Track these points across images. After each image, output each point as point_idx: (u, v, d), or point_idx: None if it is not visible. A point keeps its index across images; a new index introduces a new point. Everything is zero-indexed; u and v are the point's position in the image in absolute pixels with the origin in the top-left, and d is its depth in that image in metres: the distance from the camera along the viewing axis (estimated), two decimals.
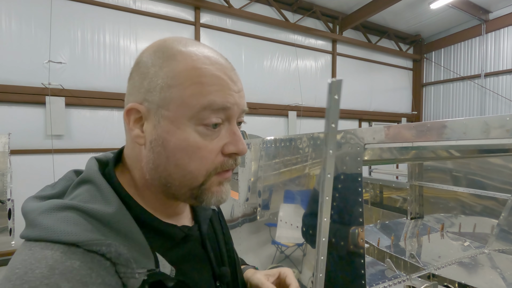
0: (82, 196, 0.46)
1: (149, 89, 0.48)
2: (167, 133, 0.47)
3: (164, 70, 0.48)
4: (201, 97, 0.47)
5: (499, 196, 1.85)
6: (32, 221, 0.42)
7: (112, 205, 0.45)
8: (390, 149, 0.94)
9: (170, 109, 0.47)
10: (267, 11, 6.77)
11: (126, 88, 0.53)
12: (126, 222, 0.45)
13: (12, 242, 3.12)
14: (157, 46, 0.51)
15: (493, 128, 0.67)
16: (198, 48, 0.51)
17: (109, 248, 0.41)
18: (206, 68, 0.48)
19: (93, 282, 0.38)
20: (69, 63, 4.80)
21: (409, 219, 2.19)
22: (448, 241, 1.85)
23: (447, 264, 1.45)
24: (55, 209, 0.43)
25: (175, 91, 0.47)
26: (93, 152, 5.01)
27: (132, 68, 0.52)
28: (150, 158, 0.49)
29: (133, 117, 0.49)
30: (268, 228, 1.56)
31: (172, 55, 0.49)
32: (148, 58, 0.50)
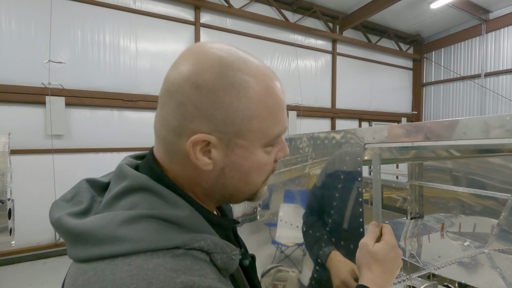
0: (142, 205, 0.44)
1: (224, 121, 0.45)
2: (242, 159, 0.49)
3: (243, 101, 0.46)
4: (276, 126, 0.50)
5: (499, 196, 1.85)
6: (111, 236, 0.40)
7: (183, 209, 0.46)
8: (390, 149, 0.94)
9: (247, 138, 0.48)
10: (267, 11, 6.77)
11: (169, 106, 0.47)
12: (200, 221, 0.47)
13: (12, 242, 3.12)
14: (220, 66, 0.46)
15: (493, 128, 0.67)
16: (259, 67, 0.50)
17: (206, 241, 0.43)
18: (276, 94, 0.50)
19: (207, 272, 0.41)
20: (69, 63, 4.80)
21: (409, 219, 2.19)
22: (448, 241, 1.85)
23: (447, 264, 1.45)
24: (131, 220, 0.42)
25: (255, 123, 0.47)
26: (93, 152, 5.02)
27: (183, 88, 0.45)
28: (218, 180, 0.50)
29: (199, 146, 0.46)
30: (268, 228, 1.56)
31: (244, 82, 0.46)
32: (214, 82, 0.45)
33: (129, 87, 5.31)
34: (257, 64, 0.49)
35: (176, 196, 0.47)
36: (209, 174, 0.49)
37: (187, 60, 0.47)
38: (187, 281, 0.37)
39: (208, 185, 0.51)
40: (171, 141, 0.48)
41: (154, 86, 5.54)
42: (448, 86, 9.11)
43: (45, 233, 4.66)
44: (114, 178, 0.51)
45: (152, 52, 5.52)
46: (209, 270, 0.42)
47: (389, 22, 8.36)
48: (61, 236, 0.44)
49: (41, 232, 4.64)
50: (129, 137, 5.33)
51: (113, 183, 0.50)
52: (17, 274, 4.09)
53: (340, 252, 0.97)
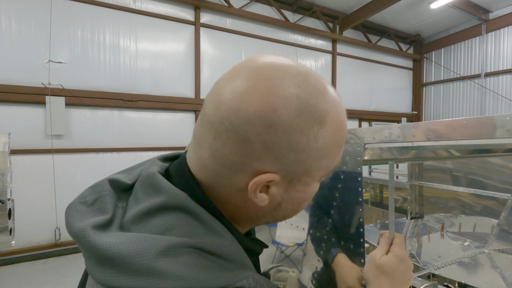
0: (179, 229, 0.40)
1: (296, 162, 0.41)
2: (301, 193, 0.46)
3: (320, 141, 0.41)
4: (338, 159, 0.47)
5: (499, 196, 1.85)
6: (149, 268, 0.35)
7: (225, 238, 0.42)
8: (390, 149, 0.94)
9: (312, 175, 0.45)
10: (267, 11, 6.77)
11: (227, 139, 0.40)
12: (241, 253, 0.44)
13: (12, 242, 3.12)
14: (296, 100, 0.39)
15: (493, 128, 0.67)
16: (335, 97, 0.45)
17: (248, 279, 0.39)
18: (346, 129, 0.47)
19: None
20: (69, 63, 4.80)
21: (409, 219, 2.19)
22: (448, 241, 1.85)
23: (447, 264, 1.45)
24: (170, 251, 0.37)
25: (324, 161, 0.44)
26: (93, 152, 5.02)
27: (252, 123, 0.38)
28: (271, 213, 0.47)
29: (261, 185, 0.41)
30: (268, 228, 1.56)
31: (323, 119, 0.41)
32: (292, 122, 0.39)
33: (129, 87, 5.31)
34: (331, 93, 0.44)
35: (217, 221, 0.42)
36: (262, 208, 0.45)
37: (256, 88, 0.39)
38: None
39: (256, 216, 0.48)
40: (224, 175, 0.42)
41: (154, 86, 5.54)
42: (448, 86, 9.11)
43: (45, 233, 4.66)
44: (144, 188, 0.45)
45: (152, 52, 5.52)
46: None
47: (389, 22, 8.36)
48: (83, 250, 0.40)
49: (41, 232, 4.64)
50: (129, 137, 5.33)
51: (143, 193, 0.45)
52: (17, 274, 4.09)
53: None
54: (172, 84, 5.72)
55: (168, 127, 5.74)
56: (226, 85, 0.42)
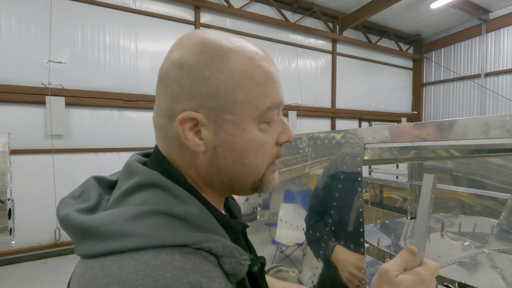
0: (152, 201, 0.43)
1: (207, 95, 0.45)
2: (233, 136, 0.47)
3: (224, 72, 0.45)
4: (265, 98, 0.47)
5: (499, 196, 1.85)
6: (119, 231, 0.39)
7: (194, 206, 0.45)
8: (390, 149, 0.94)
9: (234, 112, 0.46)
10: (267, 11, 6.77)
11: (161, 92, 0.48)
12: (211, 221, 0.45)
13: (12, 242, 3.12)
14: (201, 44, 0.46)
15: (493, 128, 0.67)
16: (243, 43, 0.49)
17: (216, 242, 0.41)
18: (261, 65, 0.48)
19: (216, 275, 0.39)
20: (69, 63, 4.80)
21: (409, 219, 2.19)
22: (448, 241, 1.85)
23: (447, 264, 1.45)
24: (140, 216, 0.40)
25: (240, 94, 0.45)
26: (93, 152, 5.02)
27: (169, 70, 0.47)
28: (213, 163, 0.48)
29: (188, 125, 0.45)
30: (268, 228, 1.56)
31: (225, 54, 0.46)
32: (196, 58, 0.45)
33: (129, 87, 5.31)
34: (241, 40, 0.49)
35: (187, 193, 0.46)
36: (202, 158, 0.48)
37: (173, 47, 0.49)
38: (194, 282, 0.36)
39: (205, 171, 0.49)
40: (165, 127, 0.48)
41: (154, 86, 5.36)
42: (448, 86, 9.11)
43: (45, 233, 4.66)
44: (123, 175, 0.49)
45: (152, 52, 5.52)
46: (217, 274, 0.40)
47: (389, 22, 8.36)
48: (68, 233, 0.43)
49: (41, 232, 4.64)
50: (129, 137, 5.33)
51: (122, 180, 0.49)
52: (17, 274, 4.09)
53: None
54: None
55: None
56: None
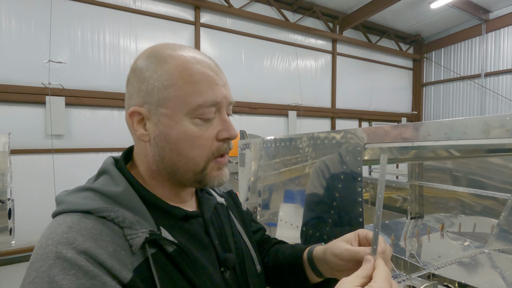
0: (100, 183, 0.56)
1: (147, 92, 0.54)
2: (168, 127, 0.55)
3: (159, 72, 0.54)
4: (195, 96, 0.54)
5: (499, 195, 1.85)
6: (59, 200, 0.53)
7: (120, 186, 0.54)
8: (390, 149, 0.94)
9: (168, 107, 0.54)
10: (267, 10, 6.77)
11: (125, 93, 0.59)
12: (132, 197, 0.54)
13: (12, 241, 3.12)
14: (149, 52, 0.57)
15: (493, 128, 0.67)
16: (184, 50, 0.57)
17: (117, 213, 0.50)
18: (195, 67, 0.55)
19: (103, 239, 0.47)
20: (69, 62, 4.80)
21: (409, 219, 2.19)
22: (448, 241, 1.85)
23: (447, 264, 1.45)
24: (77, 191, 0.54)
25: (171, 90, 0.54)
26: (93, 152, 5.02)
27: (129, 75, 0.58)
28: (155, 152, 0.57)
29: (136, 118, 0.56)
30: (268, 227, 1.56)
31: (163, 58, 0.55)
32: (142, 63, 0.56)
33: None
34: (184, 47, 0.58)
35: (121, 176, 0.57)
36: (149, 147, 0.57)
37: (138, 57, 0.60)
38: (70, 238, 0.45)
39: (152, 159, 0.58)
40: (127, 123, 0.58)
41: None
42: (448, 86, 9.11)
43: None
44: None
45: None
46: (109, 239, 0.47)
47: (389, 22, 8.36)
48: None
49: (41, 232, 4.61)
50: (129, 137, 5.19)
51: None
52: (17, 274, 4.09)
53: None
54: None
55: None
56: None
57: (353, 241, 0.65)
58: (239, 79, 6.31)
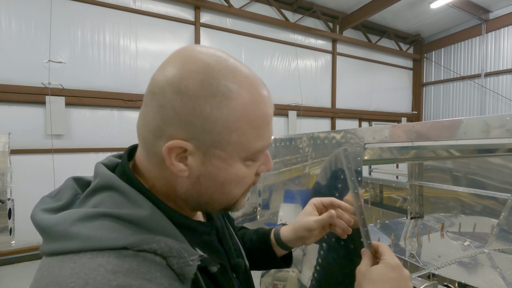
0: (106, 204, 0.45)
1: (203, 129, 0.44)
2: (219, 169, 0.48)
3: (224, 112, 0.44)
4: (257, 141, 0.48)
5: (499, 195, 1.85)
6: (64, 233, 0.40)
7: (145, 208, 0.45)
8: (390, 149, 0.94)
9: (225, 150, 0.46)
10: (267, 10, 6.77)
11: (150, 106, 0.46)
12: (163, 221, 0.46)
13: (12, 241, 3.12)
14: (205, 74, 0.44)
15: (493, 127, 0.67)
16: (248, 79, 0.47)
17: (159, 243, 0.42)
18: (260, 108, 0.47)
19: (155, 277, 0.40)
20: (69, 62, 4.80)
21: (409, 219, 2.19)
22: (448, 241, 1.85)
23: (447, 264, 1.45)
24: (86, 218, 0.42)
25: (235, 135, 0.46)
26: (93, 152, 5.02)
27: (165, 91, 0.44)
28: (193, 188, 0.49)
29: (176, 153, 0.45)
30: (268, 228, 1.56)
31: (228, 94, 0.44)
32: (197, 90, 0.43)
33: (129, 87, 5.31)
34: (245, 74, 0.47)
35: (139, 195, 0.46)
36: (184, 180, 0.49)
37: (174, 63, 0.46)
38: (124, 284, 0.36)
39: (183, 191, 0.50)
40: (149, 142, 0.48)
41: None
42: (448, 86, 9.10)
43: None
44: (93, 177, 0.52)
45: (152, 52, 5.52)
46: (160, 274, 0.41)
47: (389, 22, 8.36)
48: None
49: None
50: (129, 137, 5.32)
51: (92, 182, 0.50)
52: (17, 274, 4.09)
53: (340, 252, 0.97)
54: None
55: None
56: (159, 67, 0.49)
57: (314, 211, 0.78)
58: None
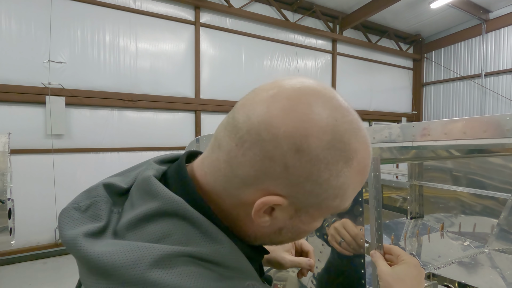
0: (176, 236, 0.38)
1: (310, 193, 0.40)
2: (303, 224, 0.45)
3: (340, 180, 0.40)
4: (346, 202, 0.45)
5: (499, 195, 1.85)
6: (142, 280, 0.34)
7: (224, 244, 0.40)
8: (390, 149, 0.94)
9: (321, 210, 0.43)
10: (267, 10, 6.76)
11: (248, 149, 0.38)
12: (241, 260, 0.42)
13: (12, 241, 3.12)
14: (333, 136, 0.38)
15: (493, 128, 0.67)
16: (366, 139, 0.43)
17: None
18: (367, 174, 0.44)
19: None
20: (69, 62, 4.80)
21: (409, 219, 2.19)
22: (448, 241, 1.85)
23: (447, 264, 1.45)
24: (166, 261, 0.35)
25: (338, 201, 0.42)
26: (93, 152, 5.02)
27: (280, 143, 0.37)
28: (269, 237, 0.46)
29: (267, 206, 0.40)
30: None
31: (350, 160, 0.40)
32: (321, 154, 0.37)
33: (129, 87, 5.31)
34: (364, 135, 0.42)
35: (215, 227, 0.40)
36: (261, 229, 0.44)
37: (295, 110, 0.38)
38: None
39: (254, 235, 0.45)
40: (234, 184, 0.41)
41: (154, 86, 5.54)
42: (448, 86, 9.10)
43: (45, 233, 4.66)
44: (139, 192, 0.44)
45: (152, 52, 5.52)
46: None
47: (389, 22, 8.36)
48: (76, 258, 0.39)
49: (41, 232, 4.64)
50: (129, 137, 5.33)
51: (138, 198, 0.43)
52: (17, 274, 4.09)
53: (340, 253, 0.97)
54: (172, 84, 5.72)
55: (168, 127, 5.74)
56: (262, 96, 0.40)
57: (292, 249, 0.81)
58: (239, 79, 6.31)
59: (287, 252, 0.80)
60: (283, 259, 0.79)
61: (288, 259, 0.79)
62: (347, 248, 0.89)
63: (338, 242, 0.91)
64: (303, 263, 0.78)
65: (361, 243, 0.86)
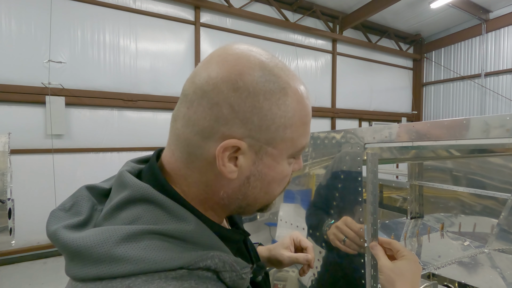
0: (144, 219, 0.41)
1: (260, 126, 0.43)
2: (268, 168, 0.47)
3: (282, 108, 0.44)
4: (304, 138, 0.49)
5: (499, 195, 1.85)
6: (109, 255, 0.37)
7: (189, 222, 0.42)
8: (390, 149, 0.94)
9: (277, 147, 0.46)
10: (267, 10, 6.77)
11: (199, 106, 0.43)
12: (208, 235, 0.44)
13: (12, 241, 3.12)
14: (262, 71, 0.44)
15: (493, 127, 0.67)
16: (296, 76, 0.48)
17: (214, 259, 0.41)
18: (308, 104, 0.48)
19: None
20: (69, 62, 4.80)
21: (409, 219, 2.19)
22: (448, 241, 1.85)
23: (447, 264, 1.45)
24: (131, 237, 0.38)
25: (289, 132, 0.46)
26: (93, 152, 5.02)
27: (220, 88, 0.42)
28: (240, 190, 0.48)
29: (229, 152, 0.43)
30: (268, 227, 1.56)
31: (285, 89, 0.44)
32: (256, 87, 0.42)
33: (129, 87, 5.31)
34: (293, 73, 0.48)
35: (181, 208, 0.43)
36: (230, 183, 0.46)
37: (225, 60, 0.44)
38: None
39: (226, 195, 0.48)
40: (195, 144, 0.44)
41: (154, 85, 5.54)
42: (448, 86, 9.11)
43: (45, 233, 4.62)
44: (115, 186, 0.47)
45: (152, 52, 5.52)
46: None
47: (389, 22, 8.36)
48: (59, 249, 0.41)
49: (41, 232, 4.62)
50: (129, 137, 5.33)
51: (114, 192, 0.47)
52: (17, 274, 4.09)
53: (340, 252, 0.97)
54: (172, 83, 5.72)
55: (168, 126, 5.69)
56: (201, 65, 0.47)
57: (291, 246, 0.83)
58: None
59: (286, 250, 0.82)
60: (282, 256, 0.80)
61: (286, 255, 0.80)
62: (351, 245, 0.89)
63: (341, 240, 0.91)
64: (301, 258, 0.80)
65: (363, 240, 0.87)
